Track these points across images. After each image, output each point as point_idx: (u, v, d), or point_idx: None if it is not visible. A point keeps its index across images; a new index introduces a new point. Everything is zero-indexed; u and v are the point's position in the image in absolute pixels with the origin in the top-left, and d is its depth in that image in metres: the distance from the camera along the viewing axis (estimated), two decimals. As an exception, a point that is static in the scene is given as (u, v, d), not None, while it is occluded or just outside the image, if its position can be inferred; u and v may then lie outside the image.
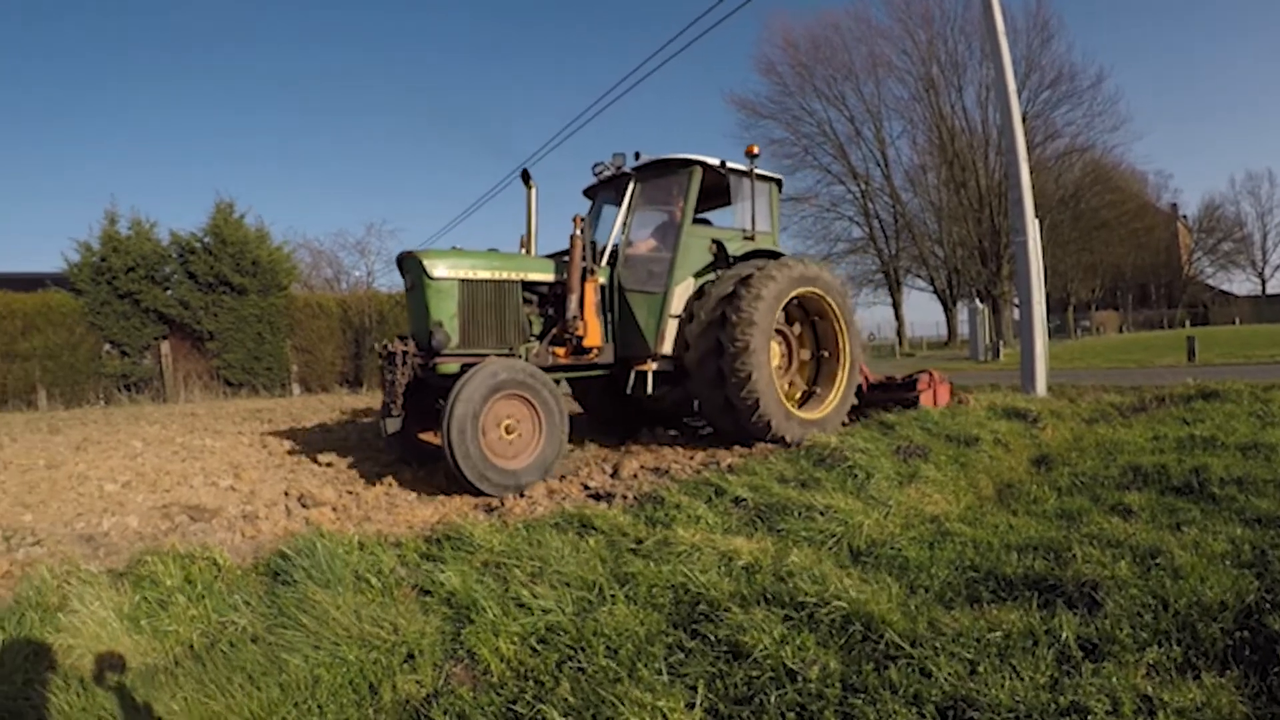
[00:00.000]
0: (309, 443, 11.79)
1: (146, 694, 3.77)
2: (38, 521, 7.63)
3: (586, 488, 8.11)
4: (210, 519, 7.66)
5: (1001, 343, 31.84)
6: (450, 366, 8.91)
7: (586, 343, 9.82)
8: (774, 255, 11.05)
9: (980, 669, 3.50)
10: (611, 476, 8.66)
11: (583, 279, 9.71)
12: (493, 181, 50.99)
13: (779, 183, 11.99)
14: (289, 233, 69.81)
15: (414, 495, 8.27)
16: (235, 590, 5.04)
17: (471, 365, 8.70)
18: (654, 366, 10.26)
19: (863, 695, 3.36)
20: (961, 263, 50.76)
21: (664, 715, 3.20)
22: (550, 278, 9.88)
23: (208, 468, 9.82)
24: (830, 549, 5.41)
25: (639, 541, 5.52)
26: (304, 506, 8.00)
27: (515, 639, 4.07)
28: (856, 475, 7.21)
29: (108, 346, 24.10)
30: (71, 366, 23.33)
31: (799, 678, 3.51)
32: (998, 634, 3.82)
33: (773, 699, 3.35)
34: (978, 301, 36.76)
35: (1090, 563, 4.78)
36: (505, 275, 9.54)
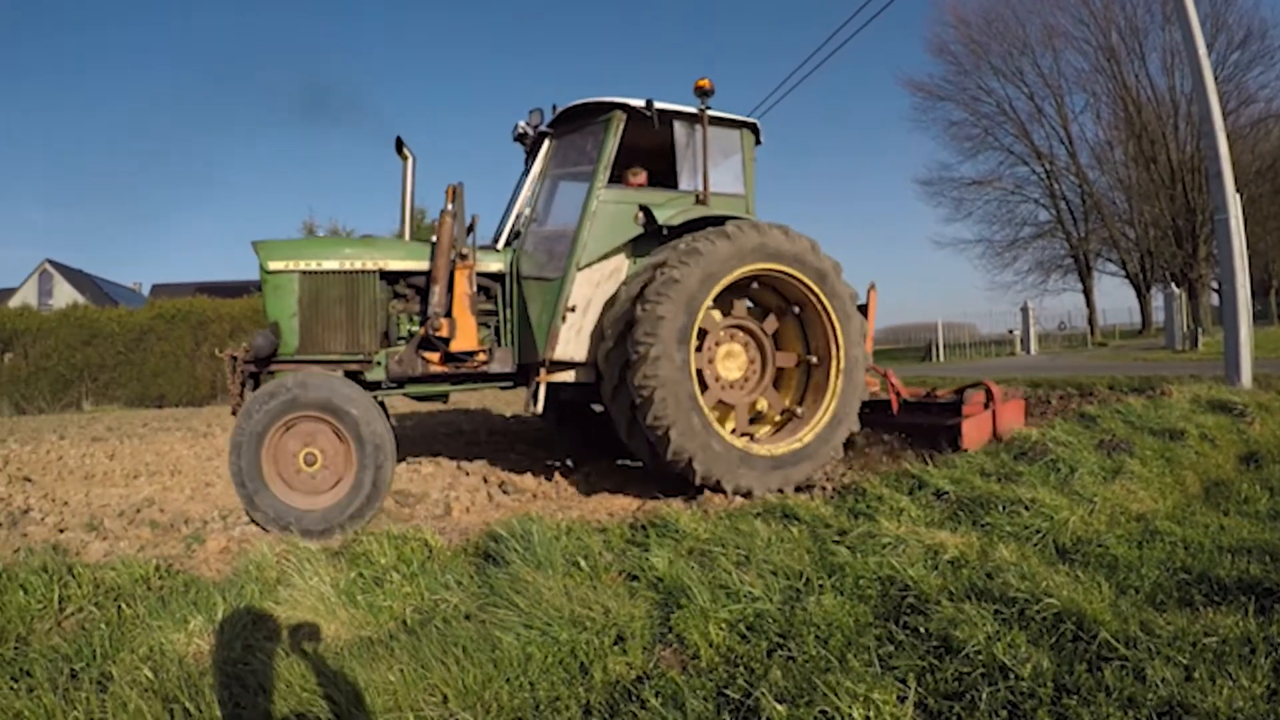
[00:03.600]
0: (506, 431, 12.19)
1: (363, 664, 4.02)
2: None
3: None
4: (415, 503, 8.04)
5: (1200, 330, 30.34)
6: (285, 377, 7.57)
7: (455, 346, 8.00)
8: None
9: (1195, 674, 3.45)
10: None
11: (453, 266, 8.08)
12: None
13: (752, 128, 9.24)
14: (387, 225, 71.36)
15: (611, 483, 8.52)
16: (446, 570, 5.38)
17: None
18: (549, 378, 8.34)
19: (1076, 696, 3.35)
20: (1154, 244, 47.99)
21: (876, 706, 3.26)
22: (425, 266, 8.21)
23: (409, 453, 10.18)
24: (1035, 545, 5.36)
25: (843, 532, 5.60)
26: (504, 493, 8.30)
27: (724, 625, 4.20)
28: (1059, 469, 7.09)
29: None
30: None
31: (1011, 675, 3.51)
32: (1213, 639, 3.75)
33: (984, 696, 3.37)
34: (1173, 286, 35.03)
35: (1310, 568, 4.65)
36: (358, 265, 8.12)
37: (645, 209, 8.21)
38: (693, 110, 8.51)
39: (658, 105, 8.32)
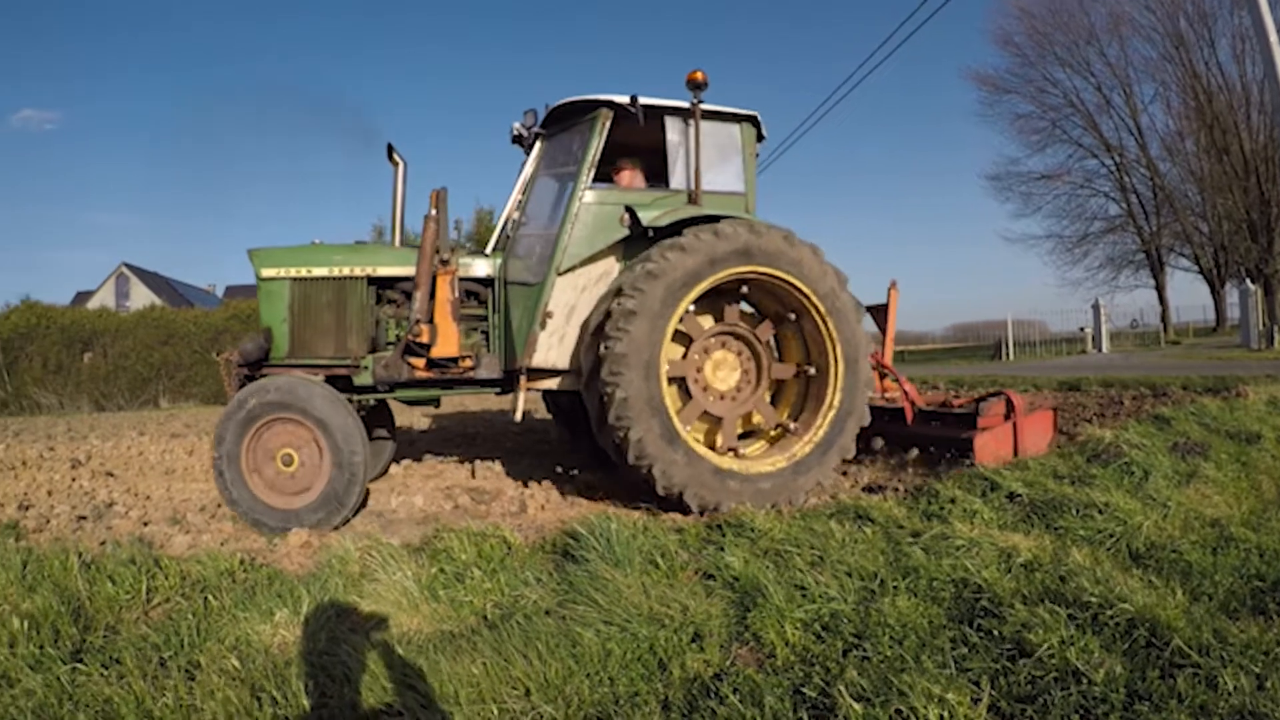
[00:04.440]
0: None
1: (447, 657, 4.14)
2: None
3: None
4: (490, 500, 8.20)
5: (1276, 328, 29.70)
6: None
7: (436, 351, 8.03)
8: None
9: (1268, 684, 3.46)
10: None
11: (435, 271, 8.08)
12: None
13: (752, 121, 8.79)
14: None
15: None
16: (525, 567, 5.52)
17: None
18: (531, 385, 8.35)
19: (1148, 702, 3.37)
20: (1228, 238, 47.23)
21: (951, 708, 3.32)
22: (413, 271, 8.21)
23: (483, 452, 10.33)
24: (1109, 549, 5.36)
25: (916, 534, 5.65)
26: (577, 490, 8.45)
27: (799, 625, 4.28)
28: (1133, 473, 7.05)
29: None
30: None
31: (1084, 680, 3.54)
32: (1288, 649, 3.76)
33: (1057, 700, 3.40)
34: (1248, 282, 34.27)
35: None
36: (346, 271, 8.28)
37: (630, 210, 7.89)
38: (685, 104, 8.21)
39: (646, 101, 8.07)
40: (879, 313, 9.73)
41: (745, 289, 8.08)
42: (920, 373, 24.92)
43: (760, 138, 8.92)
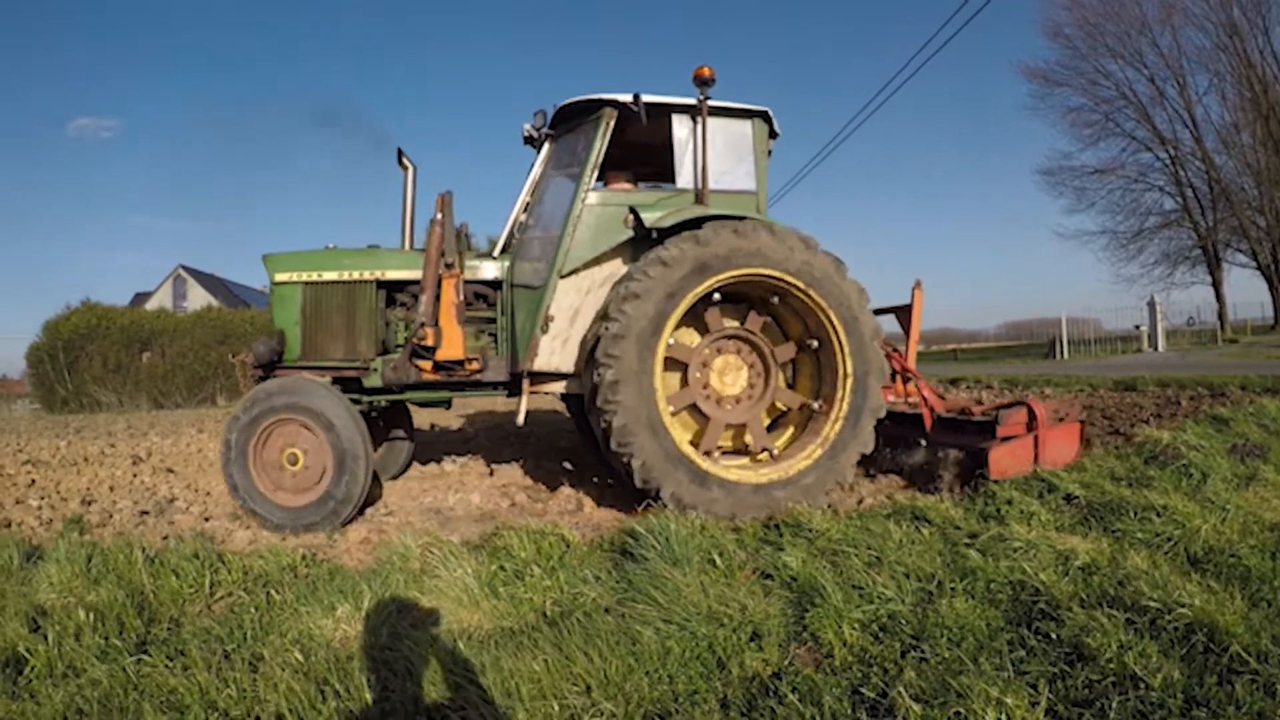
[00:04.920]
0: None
1: (508, 653, 4.22)
2: (389, 495, 8.67)
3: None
4: (547, 499, 8.29)
5: (1338, 325, 29.23)
6: None
7: (441, 354, 8.17)
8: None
9: (1329, 691, 3.45)
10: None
11: (440, 275, 8.21)
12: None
13: (764, 117, 8.57)
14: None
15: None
16: (584, 565, 5.61)
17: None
18: (535, 389, 8.34)
19: (1205, 709, 3.38)
20: (1287, 233, 46.71)
21: (1009, 710, 3.34)
22: (420, 274, 8.30)
23: (538, 450, 10.42)
24: (1167, 553, 5.34)
25: (973, 535, 5.68)
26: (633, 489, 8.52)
27: (857, 625, 4.32)
28: (1191, 475, 7.02)
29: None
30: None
31: (1141, 685, 3.54)
32: (1348, 657, 3.75)
33: (1114, 704, 3.41)
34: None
35: None
36: (355, 275, 8.46)
37: (634, 211, 7.75)
38: (691, 101, 8.05)
39: (650, 99, 7.95)
40: (903, 313, 9.29)
41: (757, 290, 7.98)
42: (974, 371, 24.82)
43: (773, 134, 8.76)
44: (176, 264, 73.92)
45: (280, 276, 8.53)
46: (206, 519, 8.20)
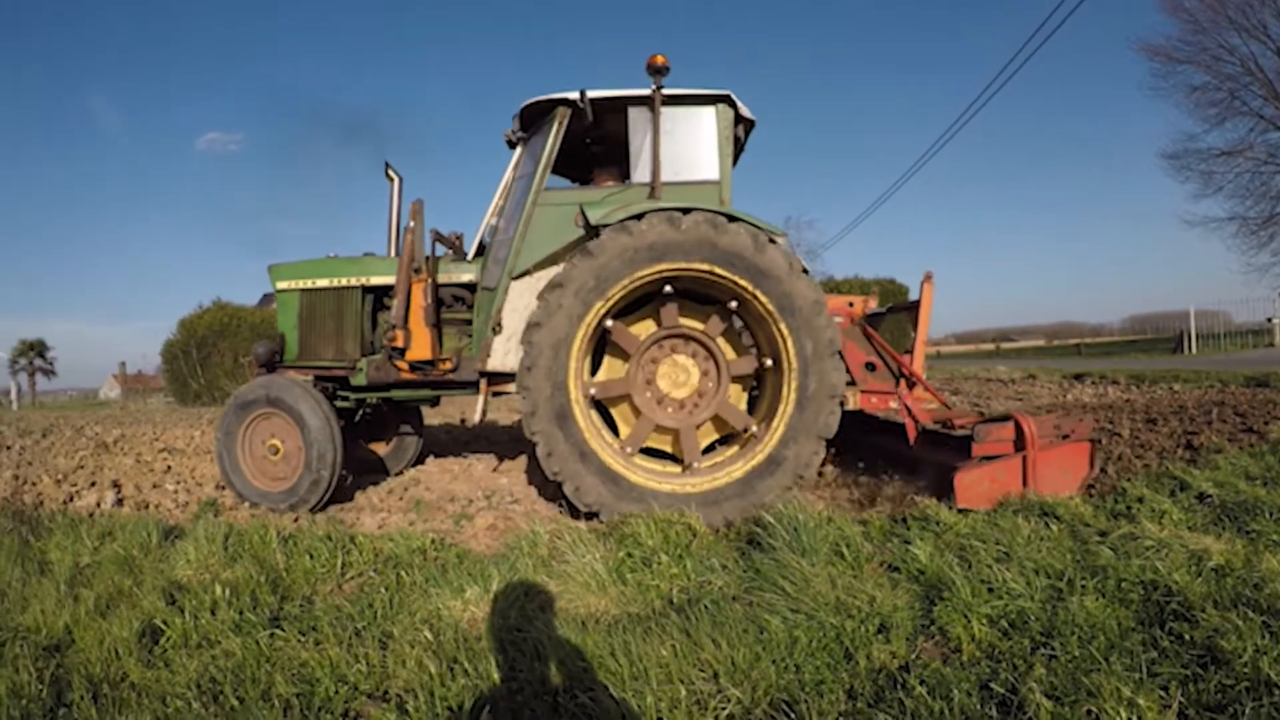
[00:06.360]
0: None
1: (636, 638, 4.33)
2: (513, 484, 8.93)
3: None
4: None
5: None
6: None
7: (411, 355, 8.51)
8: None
9: None
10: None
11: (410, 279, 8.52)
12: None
13: (727, 102, 8.15)
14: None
15: (868, 477, 8.59)
16: (711, 553, 5.69)
17: (317, 379, 8.93)
18: (493, 389, 8.42)
19: (1345, 718, 3.33)
20: None
21: (1140, 711, 3.33)
22: None
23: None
24: (1304, 556, 5.23)
25: (1103, 533, 5.63)
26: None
27: (985, 620, 4.34)
28: (1331, 474, 6.81)
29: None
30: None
31: (1276, 691, 3.48)
32: None
33: (1248, 711, 3.36)
34: None
35: None
36: (344, 281, 9.06)
37: (583, 209, 7.74)
38: (645, 92, 7.87)
39: (601, 93, 7.92)
40: (911, 311, 8.60)
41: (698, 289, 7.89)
42: (1098, 367, 24.28)
43: (741, 119, 8.44)
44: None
45: (281, 285, 9.32)
46: (335, 504, 8.57)
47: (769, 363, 7.75)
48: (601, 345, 8.21)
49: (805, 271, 7.52)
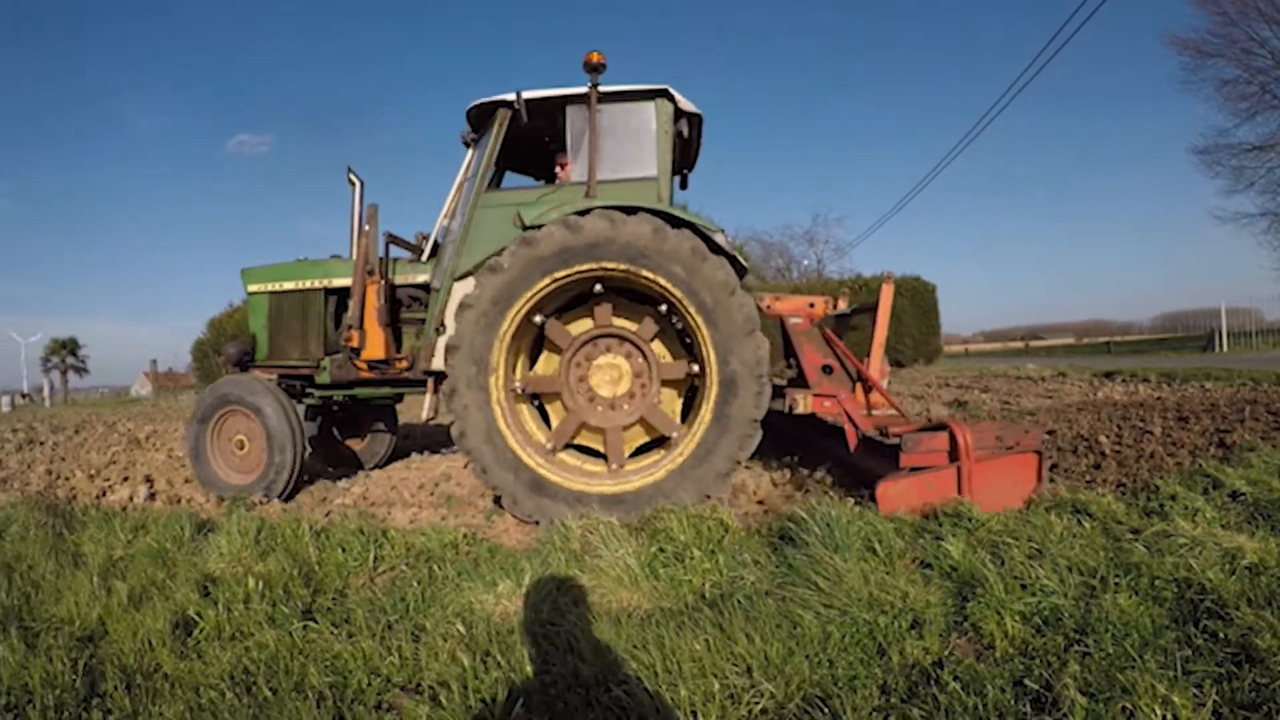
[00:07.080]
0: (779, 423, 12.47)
1: (669, 633, 4.37)
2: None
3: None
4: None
5: None
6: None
7: (365, 354, 8.63)
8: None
9: None
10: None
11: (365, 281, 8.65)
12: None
13: (666, 96, 8.08)
14: (740, 229, 69.19)
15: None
16: (743, 549, 5.71)
17: (285, 377, 9.55)
18: (439, 388, 8.25)
19: (1379, 717, 3.33)
20: None
21: (1175, 709, 3.33)
22: None
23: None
24: (1336, 554, 5.20)
25: (1136, 531, 5.60)
26: (788, 477, 8.59)
27: (1019, 617, 4.33)
28: (1364, 474, 6.75)
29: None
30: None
31: None
32: None
33: None
34: None
35: None
36: (308, 284, 9.41)
37: (519, 211, 7.79)
38: (580, 90, 7.89)
39: (536, 94, 8.00)
40: (868, 314, 8.63)
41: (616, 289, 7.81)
42: (1129, 365, 24.18)
43: (682, 113, 8.25)
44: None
45: (252, 288, 9.70)
46: (366, 499, 8.60)
47: (695, 369, 7.68)
48: (541, 342, 8.26)
49: (735, 261, 7.53)
